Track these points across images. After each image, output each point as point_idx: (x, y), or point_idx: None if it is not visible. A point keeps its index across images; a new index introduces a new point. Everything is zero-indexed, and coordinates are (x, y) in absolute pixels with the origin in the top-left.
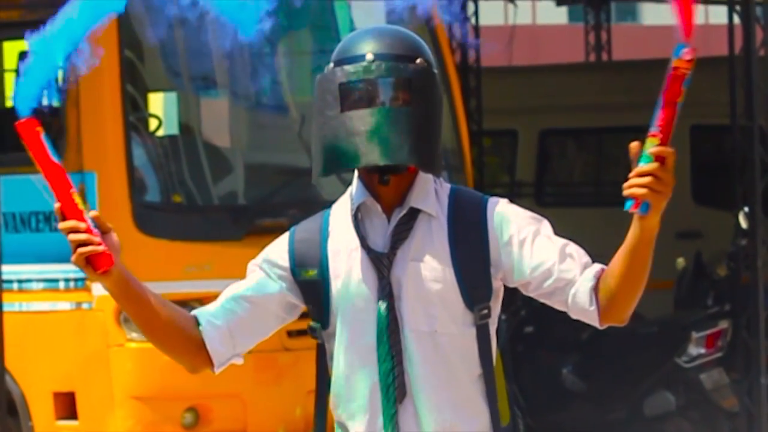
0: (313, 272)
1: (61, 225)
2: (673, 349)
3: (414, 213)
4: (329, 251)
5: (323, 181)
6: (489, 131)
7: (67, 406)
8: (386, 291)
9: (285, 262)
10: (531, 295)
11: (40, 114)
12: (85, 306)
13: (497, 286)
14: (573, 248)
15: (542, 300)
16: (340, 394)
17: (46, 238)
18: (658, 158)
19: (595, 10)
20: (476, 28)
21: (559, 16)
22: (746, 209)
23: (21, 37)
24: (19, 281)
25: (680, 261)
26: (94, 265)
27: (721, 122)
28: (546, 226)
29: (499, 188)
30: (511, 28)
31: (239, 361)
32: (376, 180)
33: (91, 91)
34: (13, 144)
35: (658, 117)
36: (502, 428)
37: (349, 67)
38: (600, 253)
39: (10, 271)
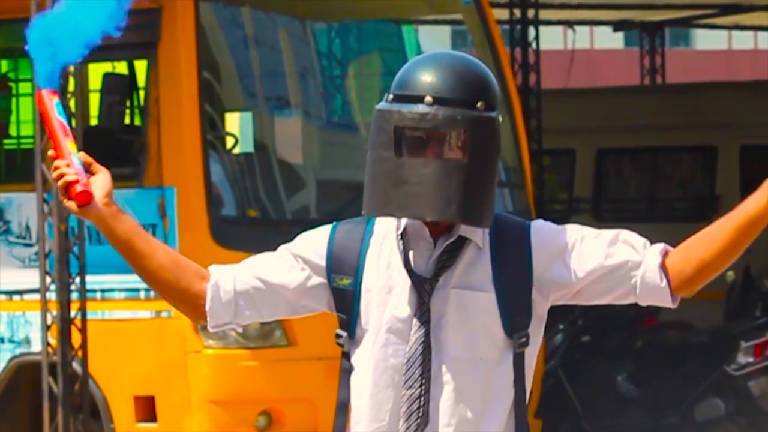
0: (347, 281)
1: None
2: (723, 357)
3: (461, 241)
4: (367, 262)
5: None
6: (548, 150)
7: (146, 409)
8: (425, 317)
9: (322, 262)
10: (596, 300)
11: (122, 132)
12: (164, 314)
13: (541, 312)
14: (626, 234)
15: (609, 300)
16: (363, 410)
17: None
18: None
19: (649, 35)
20: (537, 53)
21: (616, 41)
22: None
23: (104, 59)
24: (102, 291)
25: (730, 274)
26: (73, 198)
27: None
28: (590, 229)
29: (557, 204)
30: (570, 52)
31: (238, 330)
32: None
33: (171, 110)
34: (99, 161)
35: None
36: None
37: (406, 111)
38: None
39: (94, 281)
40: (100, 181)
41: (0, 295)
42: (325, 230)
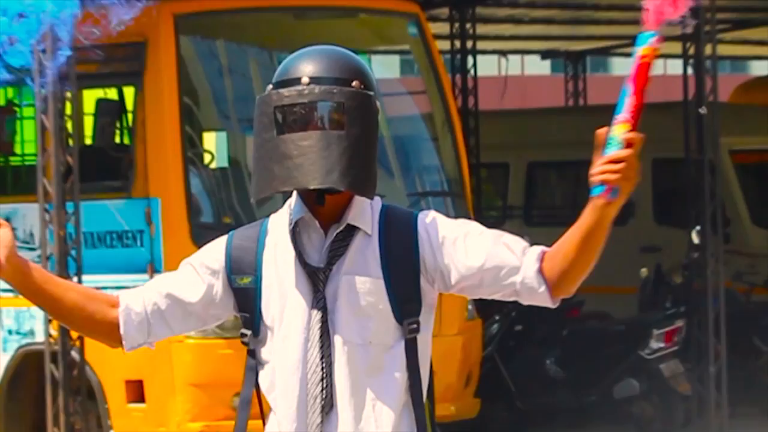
0: (247, 280)
1: None
2: (638, 343)
3: (350, 230)
4: (264, 260)
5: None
6: (485, 164)
7: (136, 391)
8: (320, 304)
9: (221, 267)
10: (477, 294)
11: (113, 150)
12: None
13: (430, 299)
14: (508, 237)
15: (489, 296)
16: (277, 400)
17: (118, 252)
18: (629, 144)
19: (573, 63)
20: (475, 79)
21: (544, 68)
22: (698, 228)
23: (97, 86)
24: (97, 289)
25: (644, 271)
26: None
27: (678, 156)
28: (476, 226)
29: (493, 211)
30: (503, 78)
31: (151, 347)
32: (312, 198)
33: (156, 130)
34: (93, 176)
35: (628, 104)
36: None
37: (284, 91)
38: None
39: (90, 280)
40: (3, 239)
41: (8, 293)
42: (222, 238)
